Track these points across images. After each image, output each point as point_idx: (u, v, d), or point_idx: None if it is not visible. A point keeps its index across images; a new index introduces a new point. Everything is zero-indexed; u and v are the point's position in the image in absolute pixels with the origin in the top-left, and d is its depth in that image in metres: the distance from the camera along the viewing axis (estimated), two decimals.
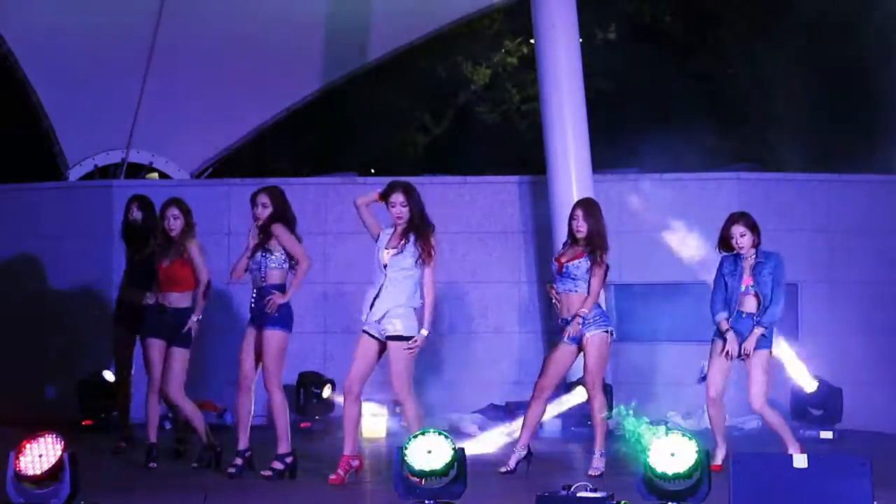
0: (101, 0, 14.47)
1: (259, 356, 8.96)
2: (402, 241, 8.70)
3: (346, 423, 8.84)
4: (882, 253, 13.18)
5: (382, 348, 8.76)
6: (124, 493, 8.31)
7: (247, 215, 10.18)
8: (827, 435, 11.64)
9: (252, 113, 15.81)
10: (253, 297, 9.00)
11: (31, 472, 6.62)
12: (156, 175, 15.34)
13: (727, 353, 9.44)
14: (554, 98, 12.61)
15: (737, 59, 20.22)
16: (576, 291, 9.17)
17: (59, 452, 6.65)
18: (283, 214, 9.02)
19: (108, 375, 12.45)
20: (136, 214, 10.45)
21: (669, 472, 6.43)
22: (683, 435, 6.51)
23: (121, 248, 13.17)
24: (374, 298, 8.70)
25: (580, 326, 9.14)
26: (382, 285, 8.69)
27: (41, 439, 6.68)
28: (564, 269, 9.20)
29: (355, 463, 8.87)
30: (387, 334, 8.69)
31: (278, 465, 8.92)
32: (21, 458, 6.65)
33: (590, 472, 9.11)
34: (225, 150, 15.99)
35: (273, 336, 8.89)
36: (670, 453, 6.45)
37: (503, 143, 21.16)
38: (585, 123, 12.66)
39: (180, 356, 9.57)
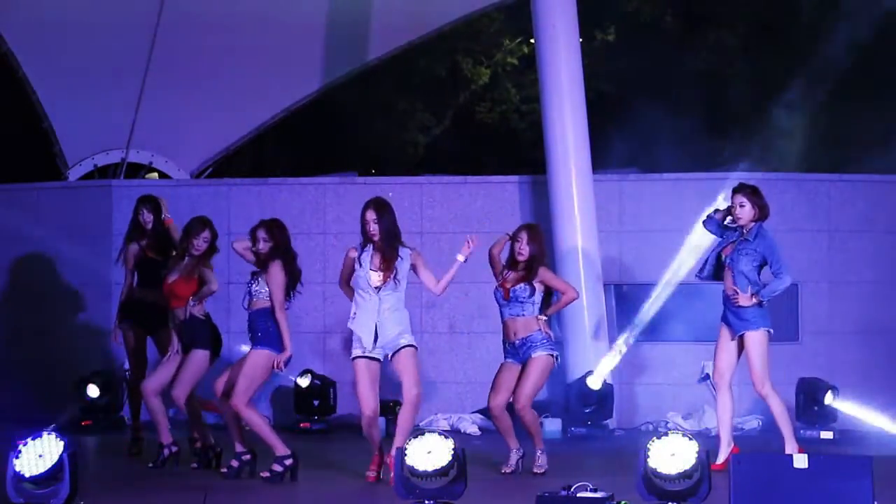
0: (102, 0, 14.47)
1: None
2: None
3: (370, 437, 9.04)
4: (882, 253, 13.18)
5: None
6: (124, 493, 8.31)
7: (246, 215, 10.24)
8: (827, 435, 11.63)
9: (252, 113, 15.80)
10: (248, 319, 9.06)
11: (31, 472, 6.62)
12: (156, 175, 15.34)
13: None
14: (554, 98, 12.60)
15: (737, 58, 20.23)
16: (523, 315, 9.23)
17: (59, 452, 6.65)
18: (285, 248, 9.04)
19: (93, 391, 12.40)
20: (147, 217, 10.36)
21: (669, 472, 6.42)
22: (683, 435, 6.50)
23: (120, 247, 13.22)
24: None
25: (544, 320, 9.27)
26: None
27: (41, 439, 6.68)
28: (512, 295, 9.23)
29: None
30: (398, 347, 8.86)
31: (278, 468, 8.90)
32: (21, 458, 6.65)
33: (535, 470, 9.25)
34: (225, 150, 15.99)
35: (258, 355, 8.93)
36: (670, 453, 6.45)
37: (503, 143, 21.17)
38: (585, 123, 12.65)
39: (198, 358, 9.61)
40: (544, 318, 9.30)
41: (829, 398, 11.92)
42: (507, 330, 9.32)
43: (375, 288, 8.80)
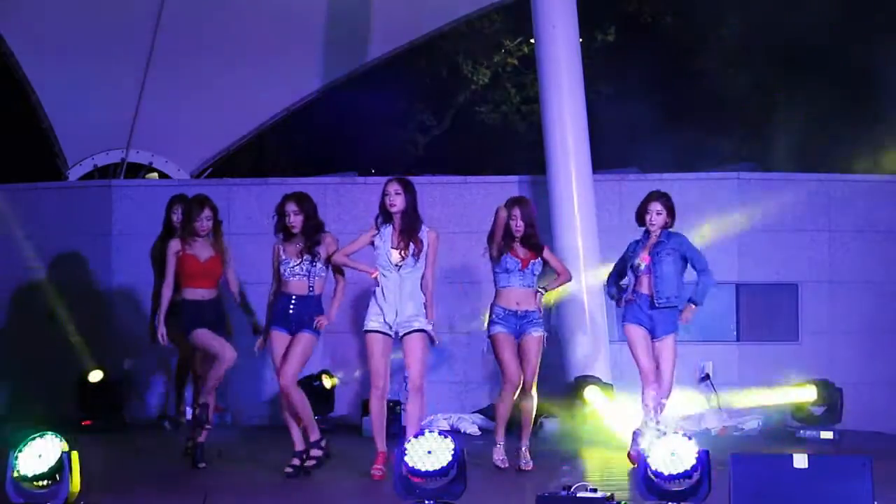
0: (102, 0, 14.47)
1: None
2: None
3: (377, 421, 9.02)
4: (882, 253, 13.18)
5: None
6: (124, 493, 8.30)
7: (246, 215, 10.22)
8: (827, 435, 11.63)
9: (252, 113, 15.80)
10: (293, 303, 9.02)
11: (31, 472, 6.62)
12: (156, 175, 15.34)
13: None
14: (554, 98, 12.61)
15: (737, 58, 20.23)
16: (531, 287, 9.40)
17: (59, 452, 6.64)
18: (319, 220, 9.13)
19: (95, 376, 12.43)
20: (181, 217, 10.32)
21: (669, 473, 6.42)
22: (683, 435, 6.51)
23: (120, 247, 13.22)
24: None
25: (542, 294, 9.42)
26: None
27: (41, 439, 6.68)
28: (529, 266, 9.37)
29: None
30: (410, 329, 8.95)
31: (317, 452, 9.07)
32: (21, 458, 6.64)
33: (524, 467, 9.37)
34: (225, 150, 15.99)
35: (309, 339, 9.01)
36: (670, 453, 6.45)
37: (503, 144, 21.19)
38: (585, 123, 12.65)
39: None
40: (543, 292, 9.42)
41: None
42: (509, 297, 9.37)
43: (396, 266, 8.91)
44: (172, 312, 9.52)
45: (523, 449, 9.47)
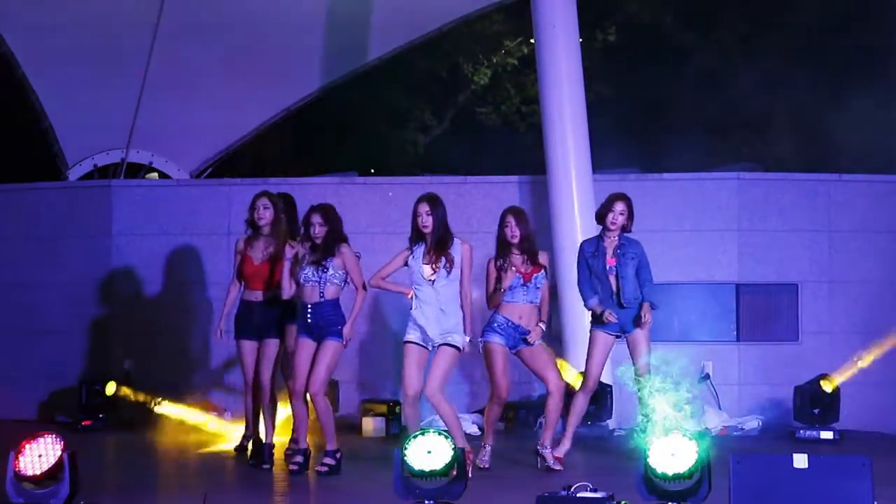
0: (102, 0, 14.47)
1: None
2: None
3: (412, 426, 9.11)
4: (882, 253, 13.18)
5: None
6: (124, 493, 8.31)
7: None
8: (827, 435, 11.64)
9: (252, 113, 15.81)
10: (309, 312, 9.05)
11: (30, 472, 6.61)
12: (156, 175, 15.35)
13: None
14: (554, 98, 12.61)
15: (737, 58, 20.25)
16: (535, 302, 9.43)
17: (59, 452, 6.64)
18: (341, 233, 9.18)
19: (110, 388, 12.42)
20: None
21: (669, 472, 6.42)
22: (683, 435, 6.50)
23: (120, 247, 13.22)
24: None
25: (542, 330, 9.43)
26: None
27: (41, 439, 6.67)
28: (532, 280, 9.38)
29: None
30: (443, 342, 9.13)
31: (330, 461, 9.10)
32: (21, 458, 6.63)
33: (554, 466, 9.41)
34: (225, 150, 16.00)
35: (334, 346, 9.07)
36: (670, 453, 6.44)
37: (503, 144, 21.20)
38: (585, 123, 12.66)
39: (276, 347, 9.62)
40: (543, 328, 9.46)
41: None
42: (513, 311, 9.38)
43: (430, 281, 9.07)
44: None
45: (549, 449, 9.48)
